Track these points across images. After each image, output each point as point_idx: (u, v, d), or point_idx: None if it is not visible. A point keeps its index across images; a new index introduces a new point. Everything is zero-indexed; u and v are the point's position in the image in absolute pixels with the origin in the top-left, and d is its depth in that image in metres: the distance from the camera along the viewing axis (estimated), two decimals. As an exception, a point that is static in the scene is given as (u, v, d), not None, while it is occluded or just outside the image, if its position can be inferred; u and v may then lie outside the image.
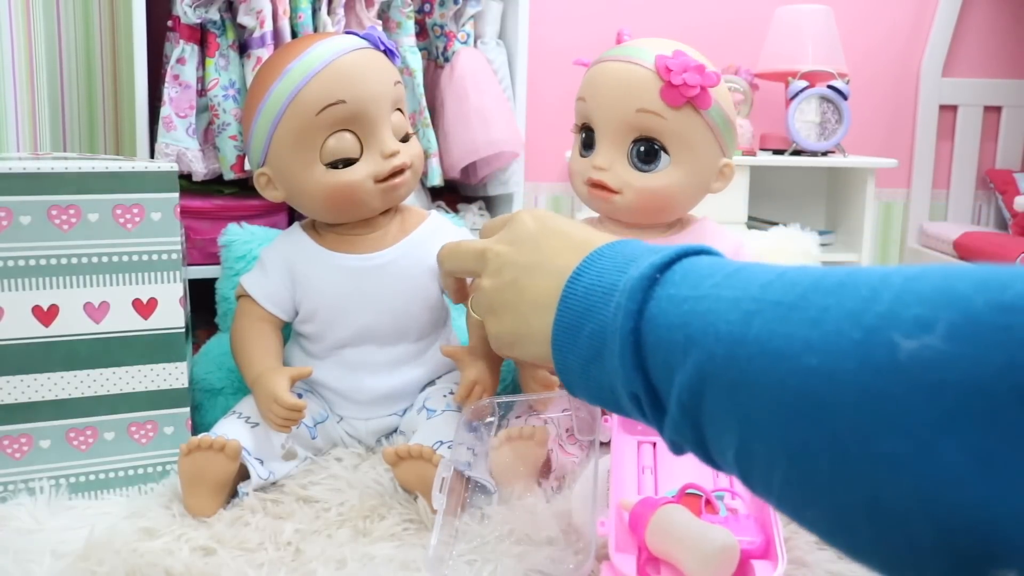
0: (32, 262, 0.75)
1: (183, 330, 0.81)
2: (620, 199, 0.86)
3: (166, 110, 1.17)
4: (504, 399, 0.79)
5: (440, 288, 0.93)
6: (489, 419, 0.78)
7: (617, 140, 0.85)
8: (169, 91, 1.17)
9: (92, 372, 0.78)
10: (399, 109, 0.88)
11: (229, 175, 1.23)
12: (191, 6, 1.14)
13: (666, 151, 0.84)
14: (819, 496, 0.31)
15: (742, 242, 0.93)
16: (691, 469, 0.71)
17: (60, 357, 0.77)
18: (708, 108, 0.83)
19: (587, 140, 0.88)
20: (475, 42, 1.40)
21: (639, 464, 0.73)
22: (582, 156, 0.88)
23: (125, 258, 0.78)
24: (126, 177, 0.77)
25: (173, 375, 0.81)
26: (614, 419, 0.74)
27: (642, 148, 0.84)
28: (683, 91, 0.81)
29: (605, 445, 0.73)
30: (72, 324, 0.77)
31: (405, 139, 0.88)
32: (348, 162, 0.84)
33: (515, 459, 0.76)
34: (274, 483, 0.80)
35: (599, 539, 0.63)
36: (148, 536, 0.70)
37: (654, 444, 0.75)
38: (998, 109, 1.96)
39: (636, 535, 0.62)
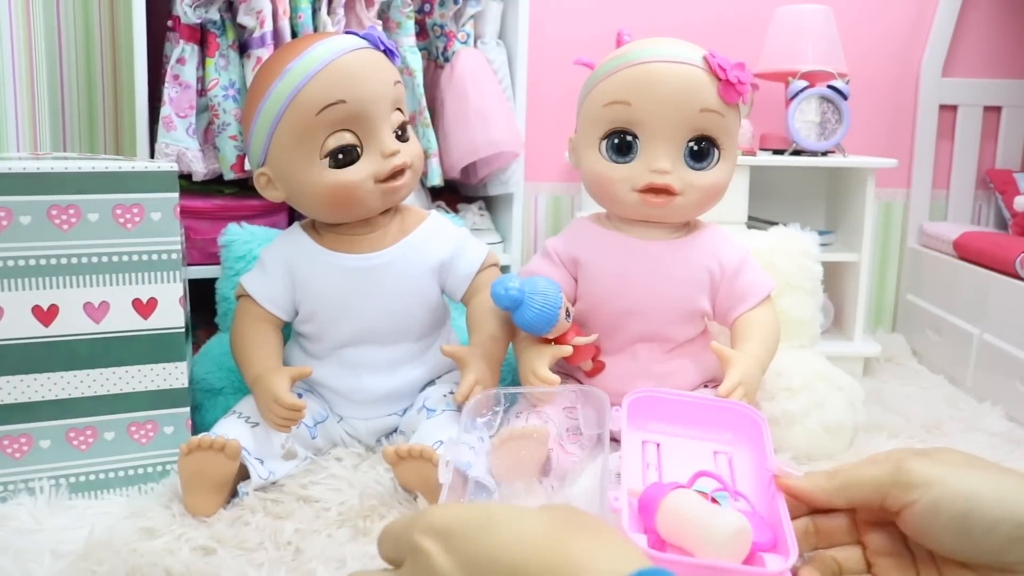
0: (32, 262, 0.75)
1: (183, 330, 0.81)
2: (681, 200, 0.85)
3: (166, 110, 1.17)
4: (509, 390, 0.79)
5: (439, 288, 0.93)
6: (495, 408, 0.77)
7: (674, 141, 0.84)
8: (169, 91, 1.17)
9: (92, 372, 0.78)
10: (399, 109, 0.88)
11: (229, 175, 1.22)
12: (191, 6, 1.14)
13: (718, 147, 0.85)
14: None
15: (748, 250, 0.92)
16: (694, 469, 0.71)
17: (60, 357, 0.77)
18: (748, 103, 0.85)
19: (622, 145, 0.85)
20: (475, 42, 1.40)
21: (643, 461, 0.73)
22: (616, 163, 0.85)
23: (125, 258, 0.78)
24: (126, 177, 0.77)
25: (173, 375, 0.81)
26: (624, 412, 0.73)
27: (696, 147, 0.84)
28: (739, 88, 0.83)
29: (614, 442, 0.73)
30: (72, 324, 0.77)
31: (405, 139, 0.88)
32: (348, 162, 0.84)
33: (515, 459, 0.76)
34: (274, 483, 0.80)
35: (612, 516, 0.62)
36: (148, 536, 0.70)
37: (658, 445, 0.75)
38: (998, 109, 1.96)
39: (645, 520, 0.61)
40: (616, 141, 0.85)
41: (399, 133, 0.87)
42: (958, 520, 0.49)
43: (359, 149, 0.84)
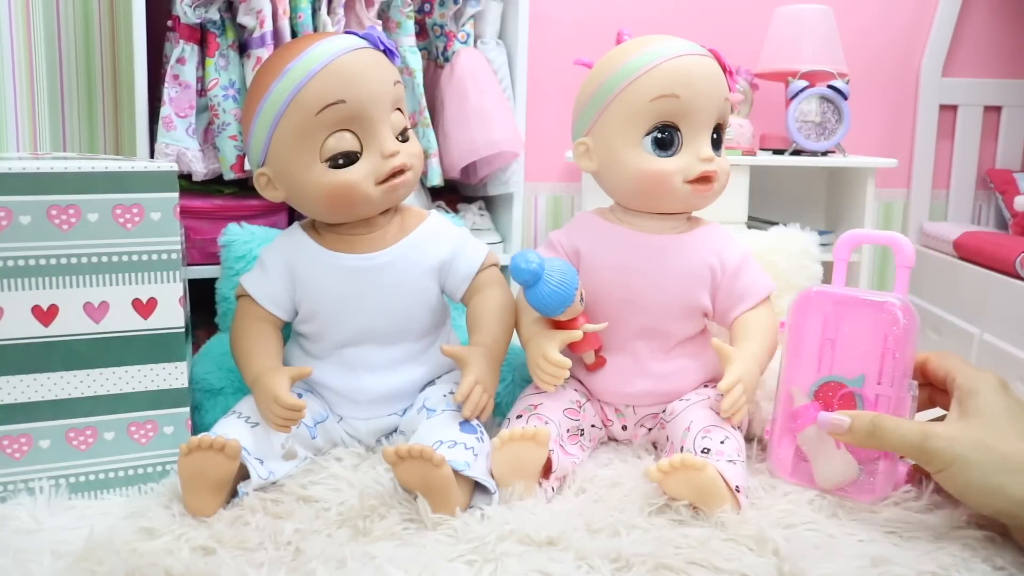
0: (32, 262, 0.75)
1: (183, 330, 0.81)
2: (717, 186, 0.88)
3: (166, 110, 1.17)
4: None
5: (439, 288, 0.93)
6: None
7: (708, 130, 0.87)
8: (169, 91, 1.18)
9: (92, 372, 0.78)
10: (399, 109, 0.88)
11: (229, 175, 1.23)
12: (191, 6, 1.14)
13: (721, 135, 0.89)
14: None
15: (749, 250, 0.92)
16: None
17: (60, 357, 0.77)
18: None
19: (665, 140, 0.85)
20: (475, 42, 1.40)
21: (822, 337, 0.80)
22: (660, 157, 0.86)
23: (125, 258, 0.78)
24: (126, 177, 0.77)
25: (173, 375, 0.81)
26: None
27: (715, 135, 0.88)
28: (732, 78, 0.88)
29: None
30: (72, 324, 0.77)
31: (405, 139, 0.88)
32: (348, 162, 0.84)
33: (515, 459, 0.76)
34: (274, 483, 0.80)
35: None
36: (148, 536, 0.70)
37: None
38: (998, 109, 1.96)
39: (794, 429, 0.79)
40: (660, 136, 0.86)
41: (399, 133, 0.87)
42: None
43: (359, 149, 0.84)
